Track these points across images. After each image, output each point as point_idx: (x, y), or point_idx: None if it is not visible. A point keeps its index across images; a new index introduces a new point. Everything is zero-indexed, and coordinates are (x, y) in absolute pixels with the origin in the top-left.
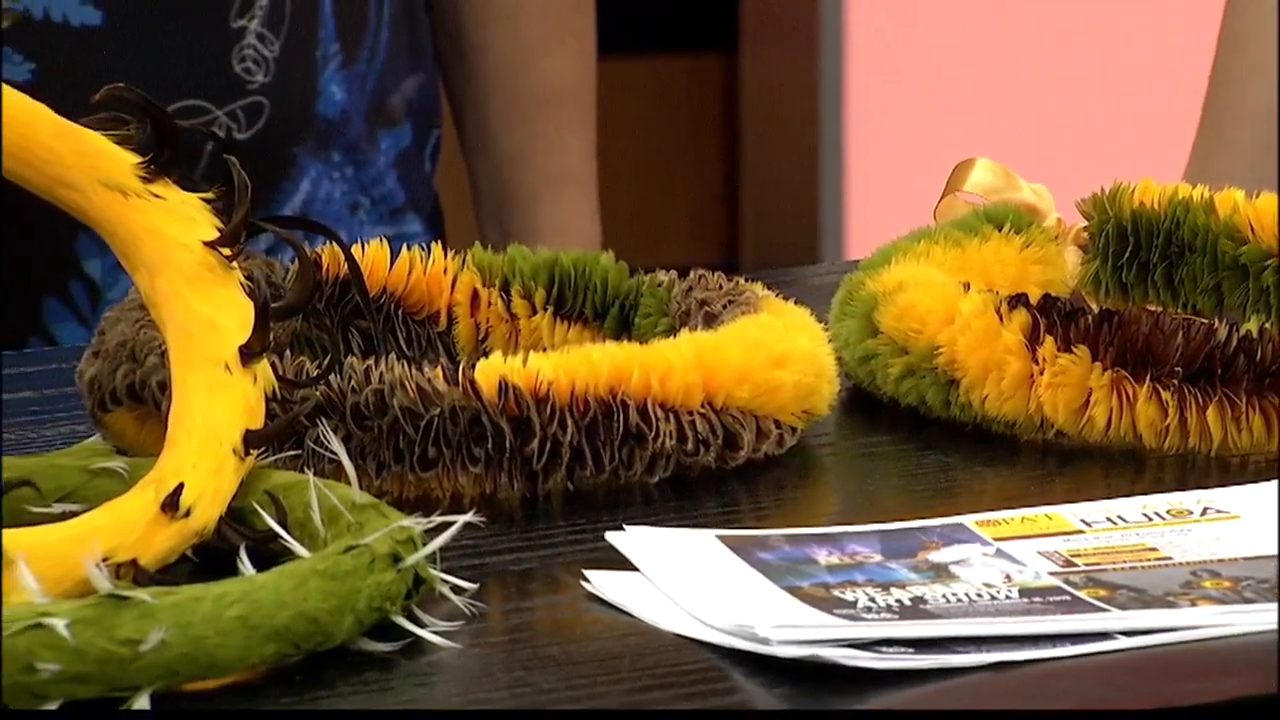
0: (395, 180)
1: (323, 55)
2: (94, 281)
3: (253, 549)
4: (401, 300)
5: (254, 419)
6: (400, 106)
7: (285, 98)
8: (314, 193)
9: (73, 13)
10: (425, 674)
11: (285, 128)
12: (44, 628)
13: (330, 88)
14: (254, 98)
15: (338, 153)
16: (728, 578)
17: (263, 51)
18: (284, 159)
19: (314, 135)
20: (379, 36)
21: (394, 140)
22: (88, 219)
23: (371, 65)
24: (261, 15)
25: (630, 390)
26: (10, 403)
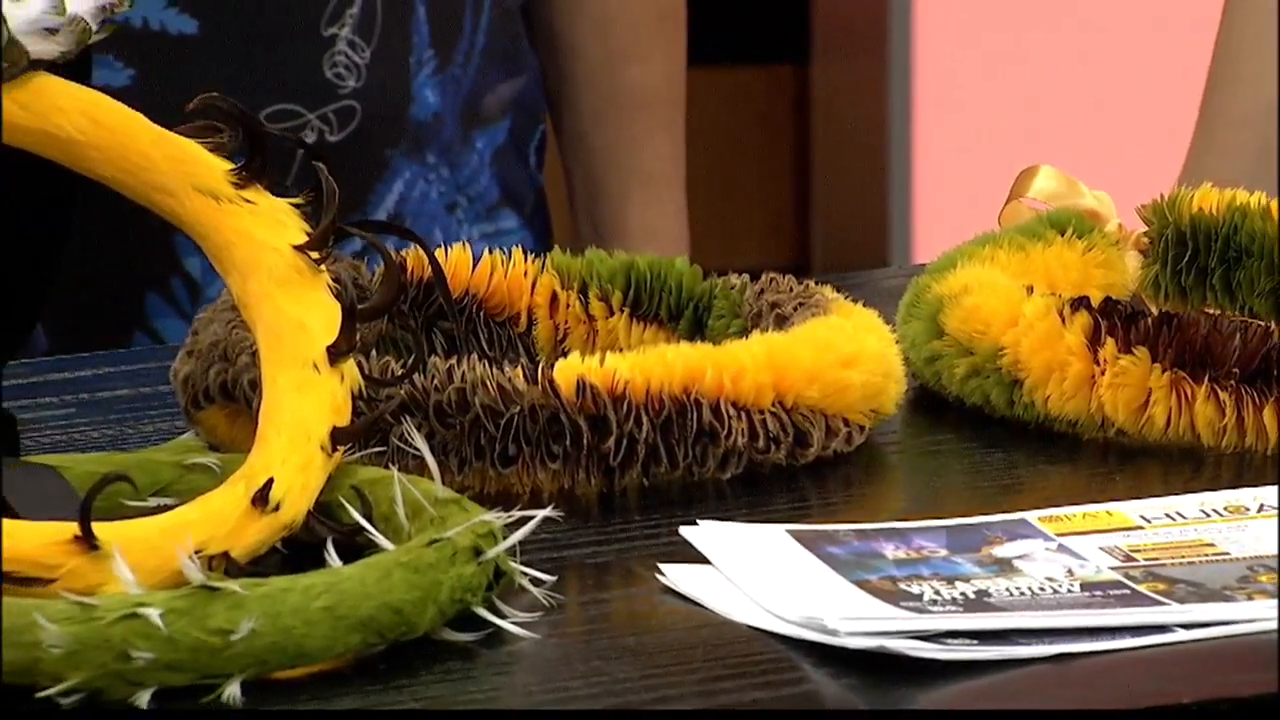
0: (491, 178)
1: (416, 61)
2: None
3: (339, 542)
4: (483, 302)
5: (341, 417)
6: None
7: (377, 102)
8: (408, 193)
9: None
10: (505, 663)
11: (377, 131)
12: (139, 617)
13: (424, 92)
14: (345, 102)
15: (432, 154)
16: (798, 571)
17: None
18: (377, 161)
19: (407, 138)
20: (474, 43)
21: (489, 139)
22: (182, 224)
23: (466, 70)
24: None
25: (704, 389)
26: (109, 400)
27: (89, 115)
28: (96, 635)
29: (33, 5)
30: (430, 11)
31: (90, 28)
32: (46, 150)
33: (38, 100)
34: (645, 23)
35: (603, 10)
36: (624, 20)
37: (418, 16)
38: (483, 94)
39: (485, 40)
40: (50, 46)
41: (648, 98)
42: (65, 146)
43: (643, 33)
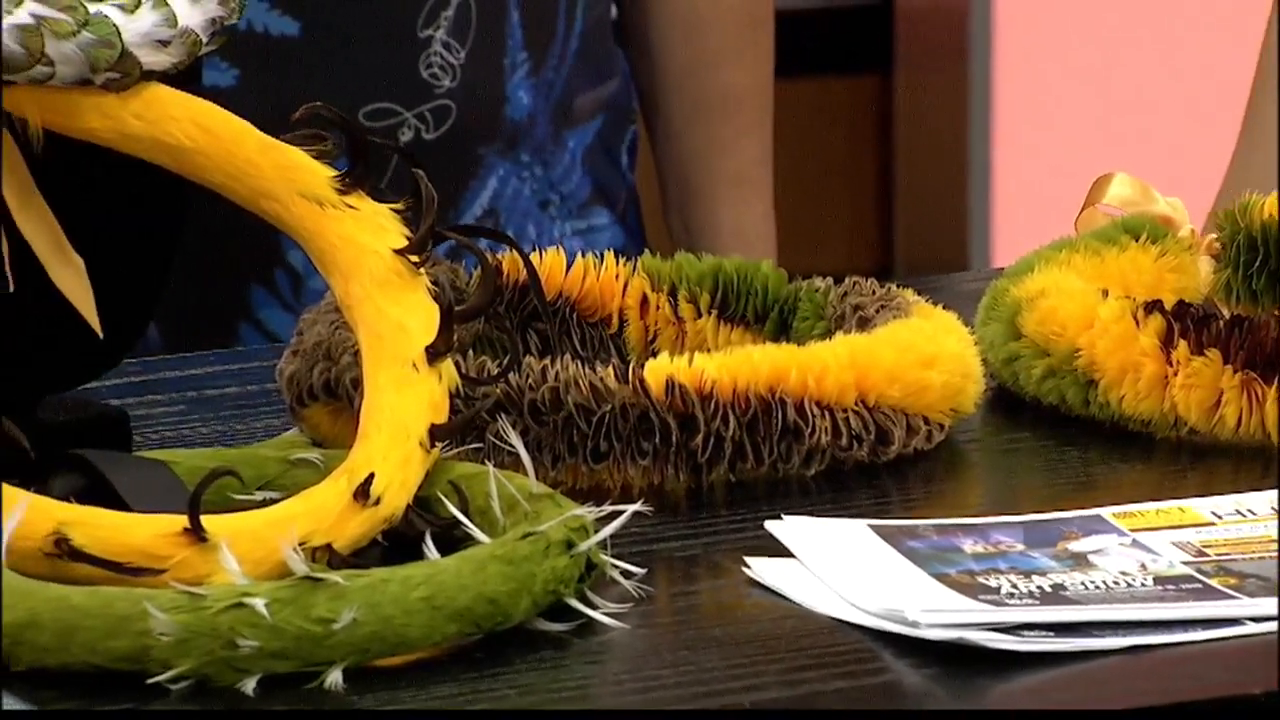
0: (583, 176)
1: (510, 63)
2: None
3: (437, 535)
4: (576, 304)
5: (439, 414)
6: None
7: (472, 101)
8: (501, 190)
9: (272, 24)
10: (596, 653)
11: (472, 129)
12: (245, 607)
13: (517, 93)
14: (441, 101)
15: (525, 152)
16: (879, 565)
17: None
18: (471, 159)
19: (501, 137)
20: (567, 47)
21: (580, 138)
22: (287, 228)
23: (559, 73)
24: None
25: (788, 389)
26: (217, 398)
27: (199, 124)
28: (204, 624)
29: (145, 18)
30: (524, 16)
31: (200, 39)
32: (159, 158)
33: (150, 110)
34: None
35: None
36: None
37: (511, 21)
38: (574, 96)
39: (578, 45)
40: (162, 58)
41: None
42: (177, 154)
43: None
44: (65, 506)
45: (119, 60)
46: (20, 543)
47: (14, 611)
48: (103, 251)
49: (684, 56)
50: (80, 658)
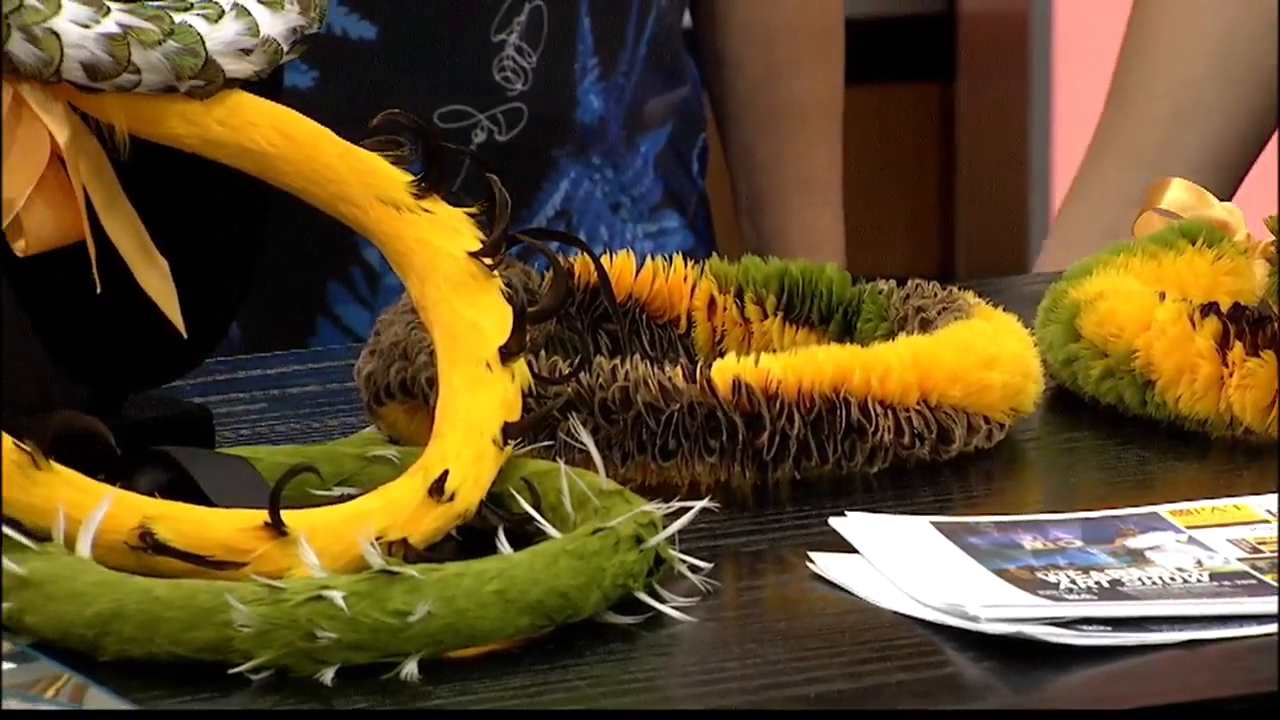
0: (654, 179)
1: (581, 68)
2: (372, 267)
3: (510, 530)
4: (645, 305)
5: (512, 412)
6: (658, 114)
7: (543, 105)
8: (573, 192)
9: (351, 27)
10: (665, 645)
11: (544, 132)
12: (323, 599)
13: (589, 97)
14: (513, 104)
15: (596, 155)
16: (941, 560)
17: (521, 63)
18: (544, 161)
19: (573, 140)
20: (637, 54)
21: (652, 143)
22: (365, 231)
23: (629, 78)
24: (520, 30)
25: (852, 388)
26: (297, 396)
27: (280, 130)
28: (284, 616)
29: (229, 27)
30: (594, 23)
31: (281, 48)
32: (241, 163)
33: (233, 116)
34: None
35: (764, 28)
36: (784, 37)
37: (582, 27)
38: (645, 101)
39: (647, 52)
40: (245, 66)
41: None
42: (258, 159)
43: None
44: (150, 501)
45: (203, 68)
46: (106, 536)
47: (100, 603)
48: (186, 253)
49: (755, 67)
50: (164, 648)
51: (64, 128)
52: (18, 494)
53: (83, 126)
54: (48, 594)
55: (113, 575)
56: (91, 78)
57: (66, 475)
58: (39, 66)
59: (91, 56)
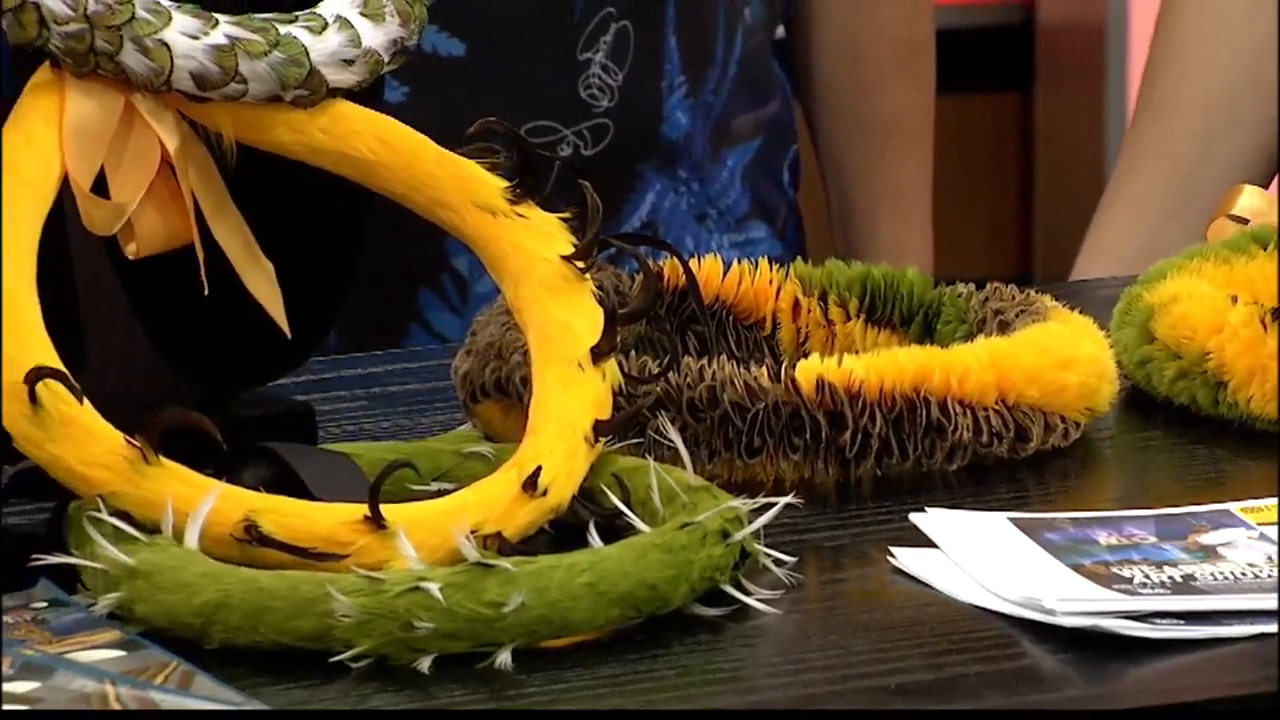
0: (742, 191)
1: (668, 85)
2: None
3: (600, 524)
4: (732, 307)
5: (603, 411)
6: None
7: (629, 121)
8: (659, 204)
9: (440, 44)
10: (750, 636)
11: (630, 147)
12: (421, 591)
13: (675, 113)
14: (599, 120)
15: (683, 169)
16: (1018, 555)
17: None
18: (629, 174)
19: (659, 154)
20: (725, 72)
21: (739, 156)
22: (461, 235)
23: (718, 96)
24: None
25: (932, 388)
26: (395, 394)
27: (381, 138)
28: (383, 606)
29: (332, 39)
30: (680, 43)
31: (382, 59)
32: (343, 169)
33: (336, 125)
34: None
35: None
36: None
37: (669, 46)
38: (733, 117)
39: (736, 70)
40: (347, 76)
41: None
42: (360, 166)
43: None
44: (255, 495)
45: (307, 78)
46: (213, 529)
47: (207, 593)
48: (290, 257)
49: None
50: (268, 637)
51: (174, 136)
52: (129, 488)
53: (192, 134)
54: (157, 584)
55: (219, 566)
56: (200, 87)
57: (175, 470)
58: (150, 76)
59: (200, 67)
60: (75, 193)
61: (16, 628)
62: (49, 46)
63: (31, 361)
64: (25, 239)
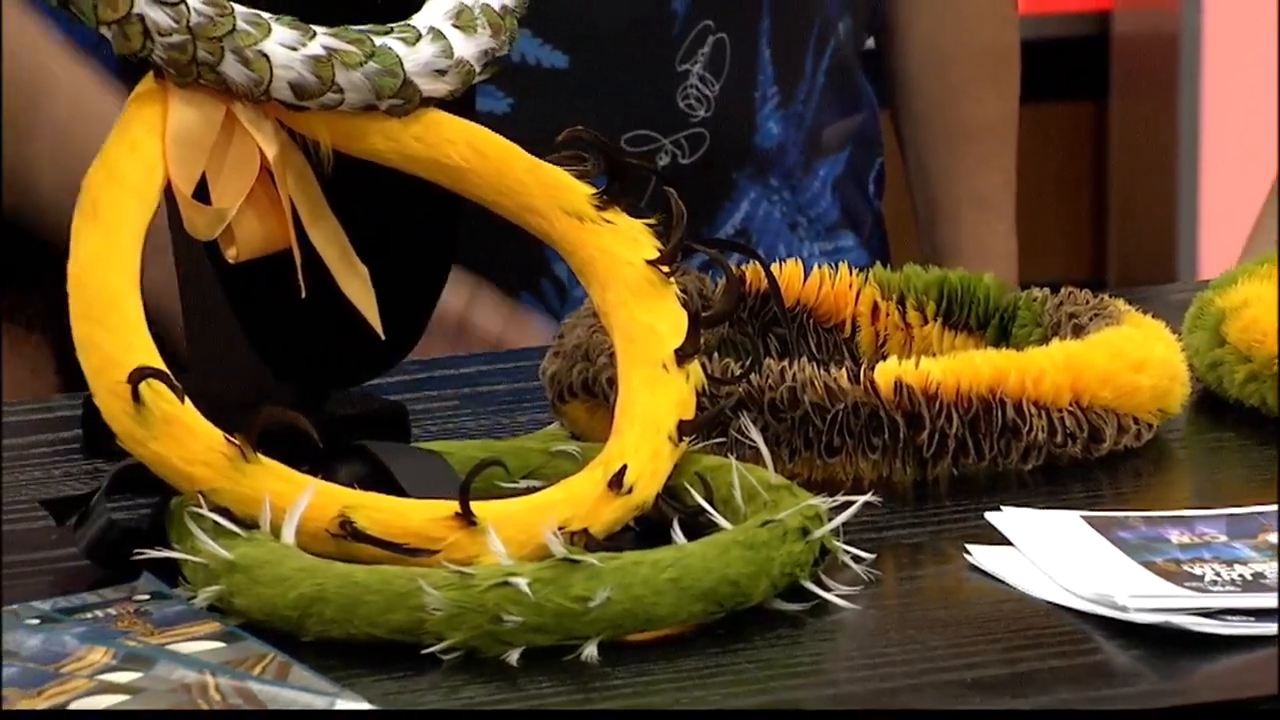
0: (831, 201)
1: (761, 96)
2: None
3: (684, 522)
4: (813, 311)
5: (686, 411)
6: (835, 139)
7: (724, 130)
8: (753, 212)
9: (544, 56)
10: (829, 631)
11: (725, 156)
12: (510, 585)
13: (768, 124)
14: (696, 129)
15: (775, 178)
16: (1091, 553)
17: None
18: (724, 183)
19: (752, 163)
20: (814, 83)
21: (830, 167)
22: (550, 240)
23: (808, 107)
24: (703, 61)
25: (1008, 390)
26: (485, 395)
27: (473, 146)
28: (473, 600)
29: (425, 50)
30: (774, 55)
31: (474, 69)
32: (436, 176)
33: (429, 133)
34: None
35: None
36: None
37: (762, 58)
38: (823, 127)
39: (825, 81)
40: (440, 86)
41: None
42: (452, 174)
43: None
44: (350, 492)
45: (401, 88)
46: (309, 524)
47: (303, 587)
48: (384, 261)
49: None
50: (362, 630)
51: (273, 143)
52: (228, 485)
53: (290, 142)
54: (255, 578)
55: (315, 561)
56: (298, 96)
57: (273, 467)
58: (250, 86)
59: (299, 77)
60: (178, 199)
61: (120, 619)
62: (153, 57)
63: (135, 362)
64: (129, 243)
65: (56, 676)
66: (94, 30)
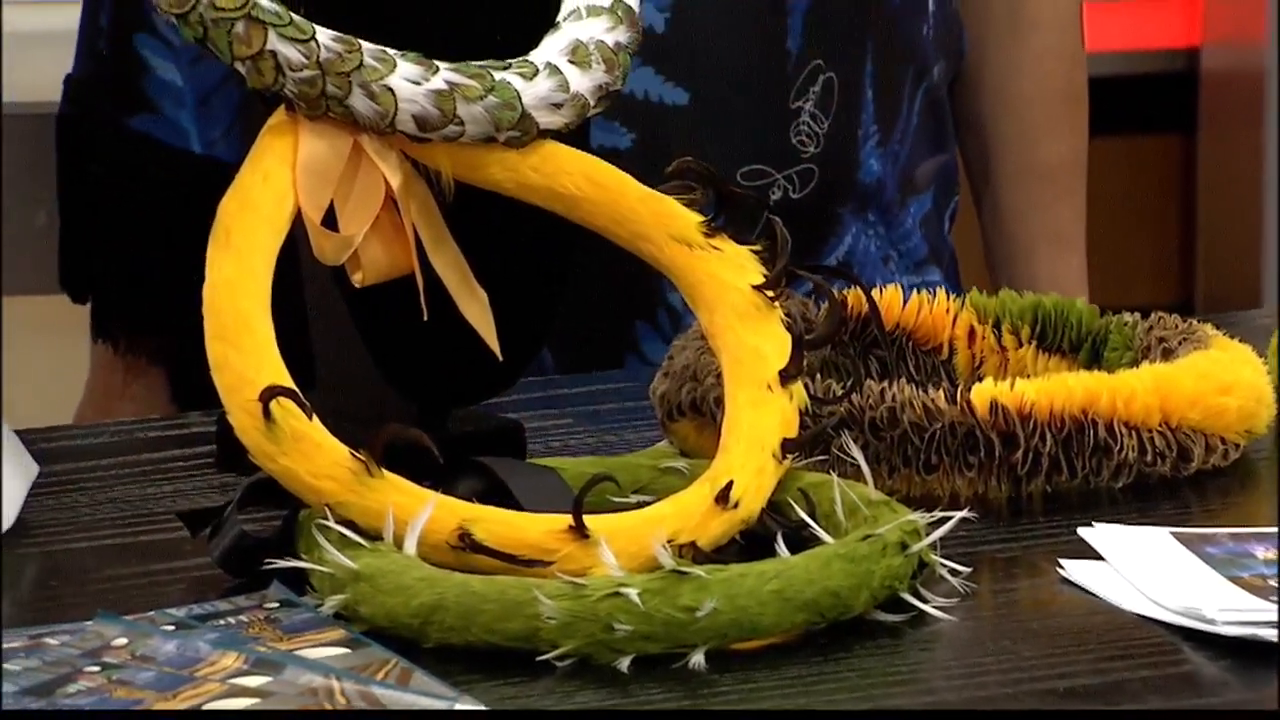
0: (920, 238)
1: (863, 134)
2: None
3: (788, 535)
4: (911, 334)
5: (790, 429)
6: (924, 179)
7: (831, 166)
8: (854, 246)
9: (666, 94)
10: (927, 641)
11: (831, 191)
12: (621, 596)
13: (869, 161)
14: (806, 165)
15: (872, 213)
16: (1180, 568)
17: (814, 128)
18: (830, 217)
19: (855, 198)
20: (909, 123)
21: (919, 205)
22: (660, 266)
23: (902, 145)
24: (814, 99)
25: (1100, 411)
26: (598, 413)
27: (588, 176)
28: (586, 610)
29: (542, 84)
30: (875, 94)
31: (589, 103)
32: (552, 205)
33: (546, 164)
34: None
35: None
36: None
37: (865, 97)
38: (914, 166)
39: (918, 121)
40: (556, 118)
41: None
42: (568, 202)
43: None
44: (469, 506)
45: (519, 120)
46: (430, 536)
47: (424, 596)
48: (502, 286)
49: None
50: (480, 637)
51: (397, 173)
52: (353, 498)
53: (413, 172)
54: (378, 587)
55: (435, 571)
56: (421, 129)
57: (395, 482)
58: (376, 119)
59: (422, 110)
60: (307, 226)
61: (251, 625)
62: (284, 91)
63: (265, 381)
64: (261, 268)
65: (191, 680)
66: (229, 65)
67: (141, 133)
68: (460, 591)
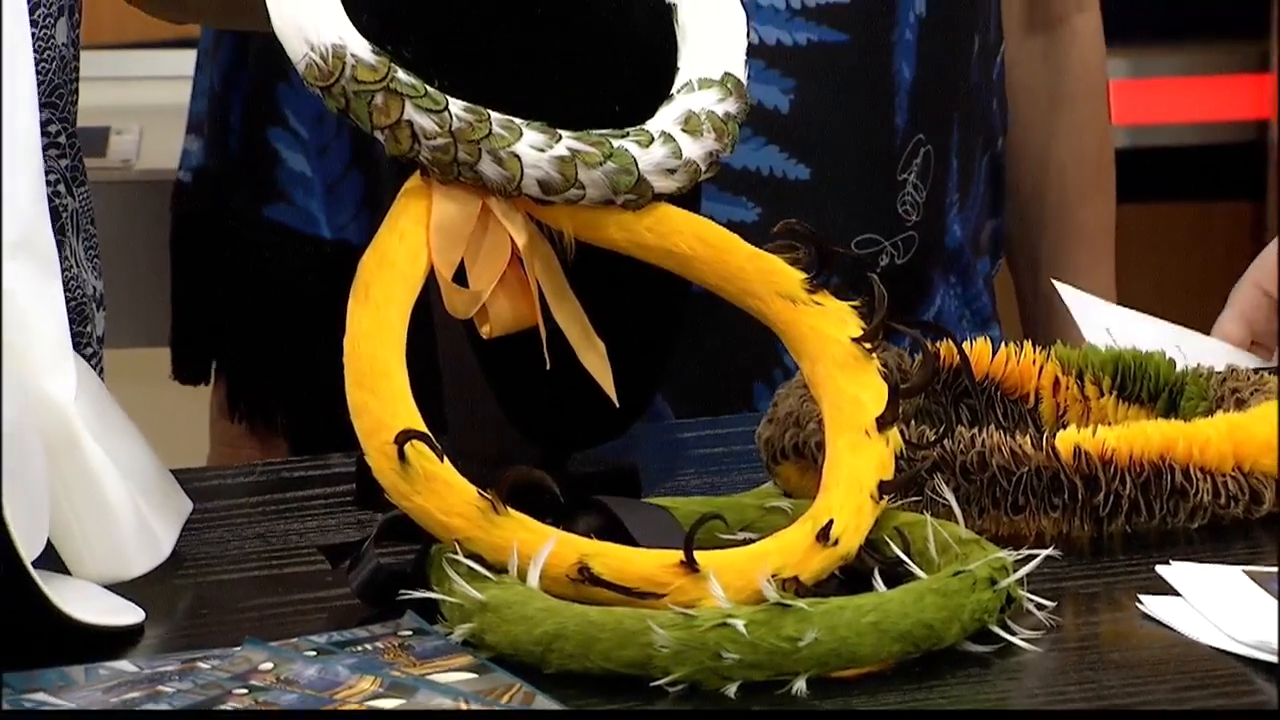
0: (986, 297)
1: (949, 201)
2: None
3: (884, 571)
4: (999, 384)
5: (886, 472)
6: (987, 240)
7: (928, 232)
8: (942, 305)
9: (789, 170)
10: (1014, 671)
11: (926, 256)
12: (728, 626)
13: (953, 226)
14: (909, 233)
15: (954, 275)
16: (1253, 604)
17: (916, 197)
18: (925, 279)
19: (942, 261)
20: (978, 189)
21: (984, 266)
22: (766, 320)
23: (974, 210)
24: (916, 170)
25: (1176, 457)
26: (707, 456)
27: (699, 236)
28: (696, 639)
29: (657, 151)
30: (959, 162)
31: (700, 168)
32: (665, 263)
33: (660, 225)
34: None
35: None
36: (1073, 168)
37: (952, 166)
38: (980, 229)
39: (984, 187)
40: (670, 183)
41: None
42: (680, 261)
43: (1089, 179)
44: (587, 541)
45: (636, 185)
46: (551, 570)
47: (546, 625)
48: (619, 337)
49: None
50: (597, 664)
51: (522, 233)
52: (480, 534)
53: (537, 232)
54: (503, 617)
55: (556, 602)
56: (545, 192)
57: (519, 519)
58: (503, 183)
59: (545, 175)
60: (439, 281)
61: (386, 652)
62: (419, 158)
63: (400, 425)
64: (397, 321)
65: (331, 702)
66: (369, 134)
67: (277, 221)
68: (579, 621)
